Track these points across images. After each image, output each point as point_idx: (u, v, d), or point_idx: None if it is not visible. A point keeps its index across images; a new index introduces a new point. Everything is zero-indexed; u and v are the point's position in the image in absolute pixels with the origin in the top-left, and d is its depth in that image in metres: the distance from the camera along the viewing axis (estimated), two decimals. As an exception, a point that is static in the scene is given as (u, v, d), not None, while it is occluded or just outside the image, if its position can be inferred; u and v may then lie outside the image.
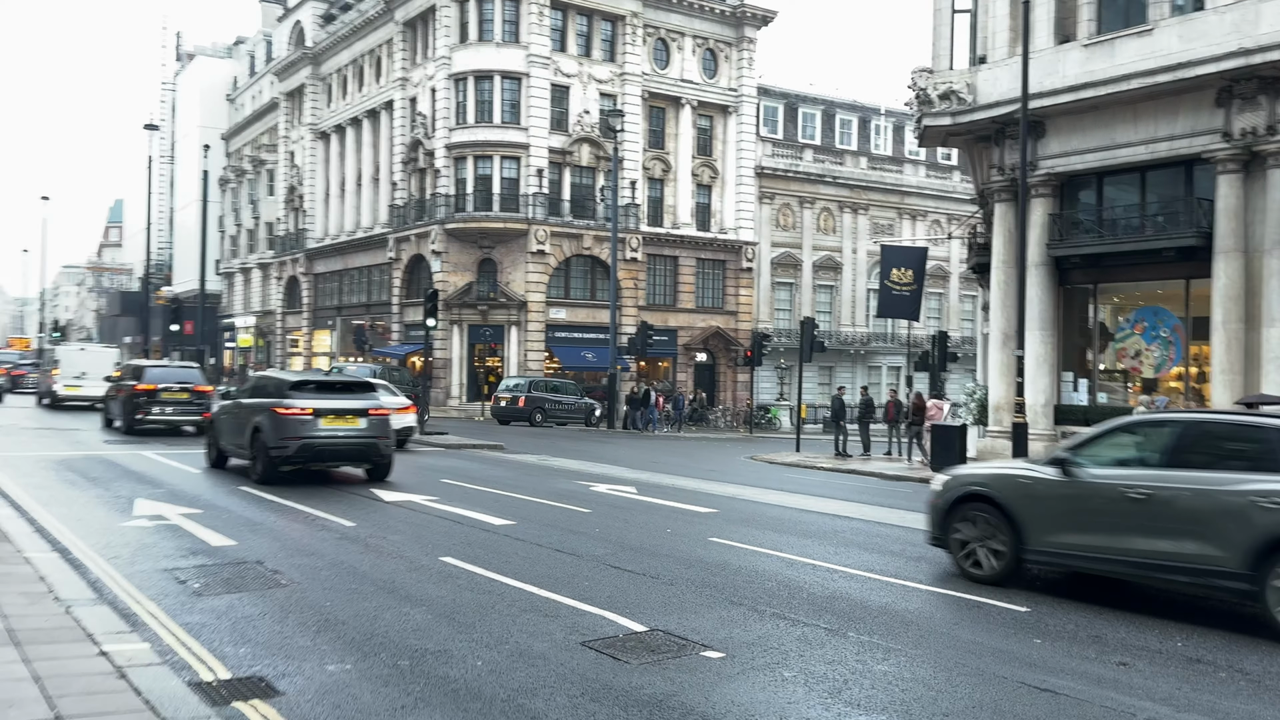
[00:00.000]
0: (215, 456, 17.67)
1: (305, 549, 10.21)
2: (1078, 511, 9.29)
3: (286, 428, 15.31)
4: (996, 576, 9.76)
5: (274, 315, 66.55)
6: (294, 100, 64.87)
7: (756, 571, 9.99)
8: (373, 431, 16.06)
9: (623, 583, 8.80)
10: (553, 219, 47.41)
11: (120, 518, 11.76)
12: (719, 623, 7.76)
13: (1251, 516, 8.08)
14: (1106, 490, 9.10)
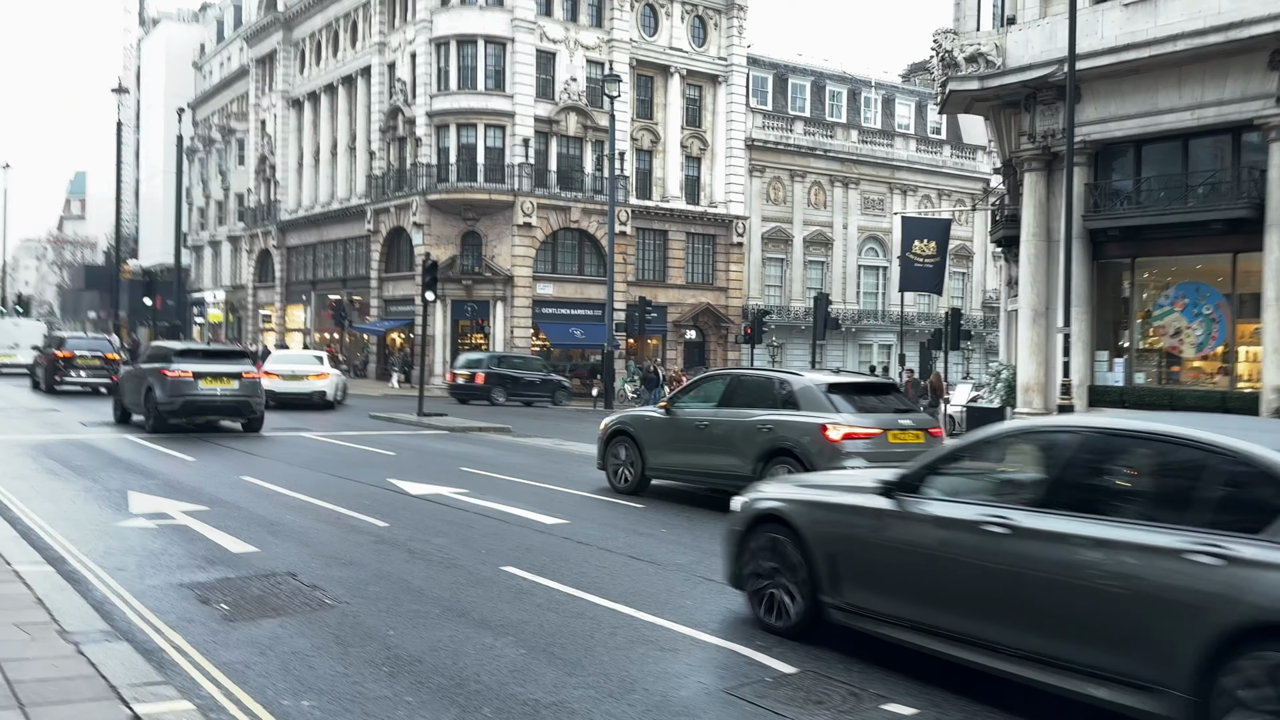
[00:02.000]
0: (120, 414, 20.80)
1: (341, 557, 8.74)
2: (673, 439, 12.78)
3: (172, 387, 18.48)
4: (631, 488, 13.29)
5: (245, 290, 64.40)
6: (265, 67, 62.54)
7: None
8: (245, 392, 19.42)
9: (735, 603, 7.40)
10: (539, 191, 45.75)
11: (116, 515, 10.24)
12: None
13: (756, 437, 11.40)
14: (687, 422, 12.63)
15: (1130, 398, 22.83)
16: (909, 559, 6.06)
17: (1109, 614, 5.07)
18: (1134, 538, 5.08)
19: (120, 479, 12.73)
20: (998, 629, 5.55)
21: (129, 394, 20.27)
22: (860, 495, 6.54)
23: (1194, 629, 4.71)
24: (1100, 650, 5.11)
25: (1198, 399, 22.02)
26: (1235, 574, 4.65)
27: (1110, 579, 5.07)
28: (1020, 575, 5.43)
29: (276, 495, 11.94)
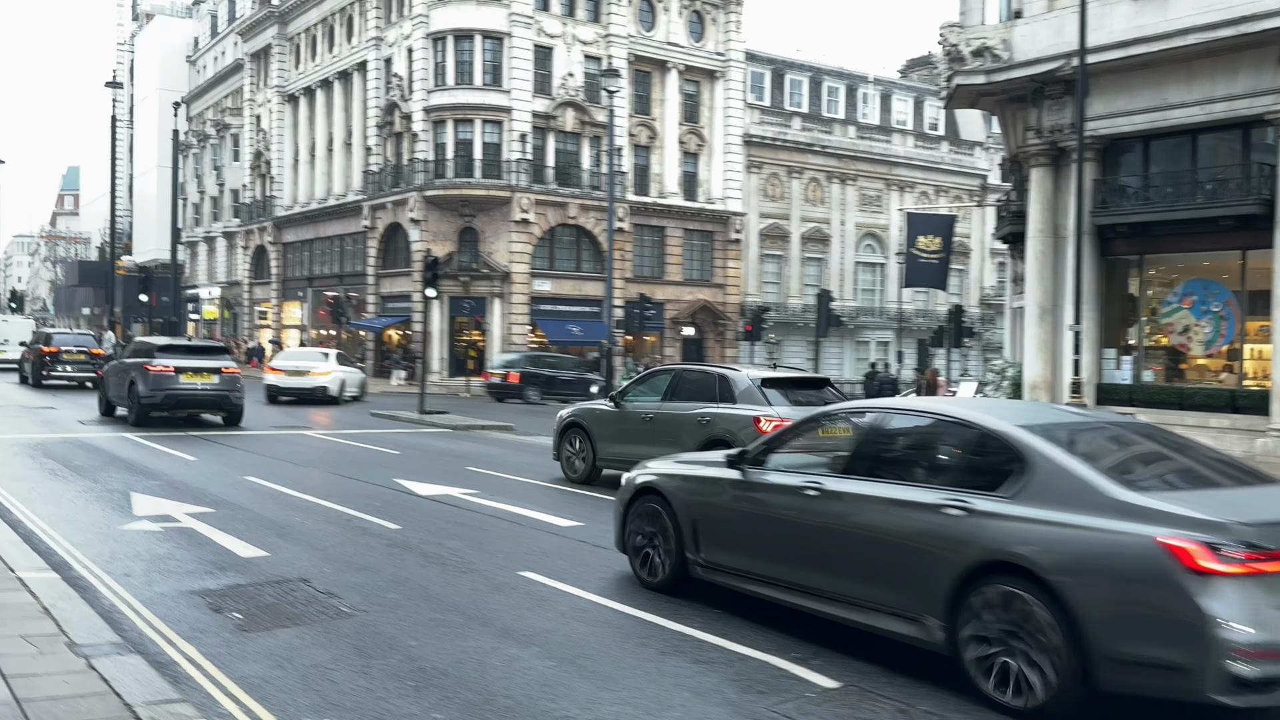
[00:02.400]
0: (105, 406, 21.56)
1: (354, 561, 8.49)
2: (621, 431, 13.45)
3: (154, 381, 19.18)
4: (582, 477, 13.91)
5: (240, 286, 64.01)
6: (259, 62, 62.14)
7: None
8: (224, 386, 20.04)
9: (768, 607, 7.14)
10: (536, 186, 45.46)
11: (119, 518, 9.97)
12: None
13: (696, 429, 11.99)
14: (634, 415, 13.41)
15: (1139, 396, 22.64)
16: (750, 521, 7.22)
17: (888, 559, 6.18)
18: (904, 495, 6.22)
19: (122, 479, 12.45)
20: (814, 576, 6.65)
21: (113, 388, 21.10)
22: (716, 469, 7.65)
23: (945, 567, 5.81)
24: (884, 588, 6.19)
25: (1206, 397, 21.84)
26: (974, 523, 5.77)
27: (888, 530, 6.19)
28: (827, 530, 6.55)
29: (282, 496, 11.68)
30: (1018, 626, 5.49)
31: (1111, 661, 5.22)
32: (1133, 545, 5.21)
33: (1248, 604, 4.99)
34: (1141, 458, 6.32)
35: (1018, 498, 5.70)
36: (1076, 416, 7.00)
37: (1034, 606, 5.41)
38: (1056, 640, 5.31)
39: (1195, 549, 5.01)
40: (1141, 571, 5.19)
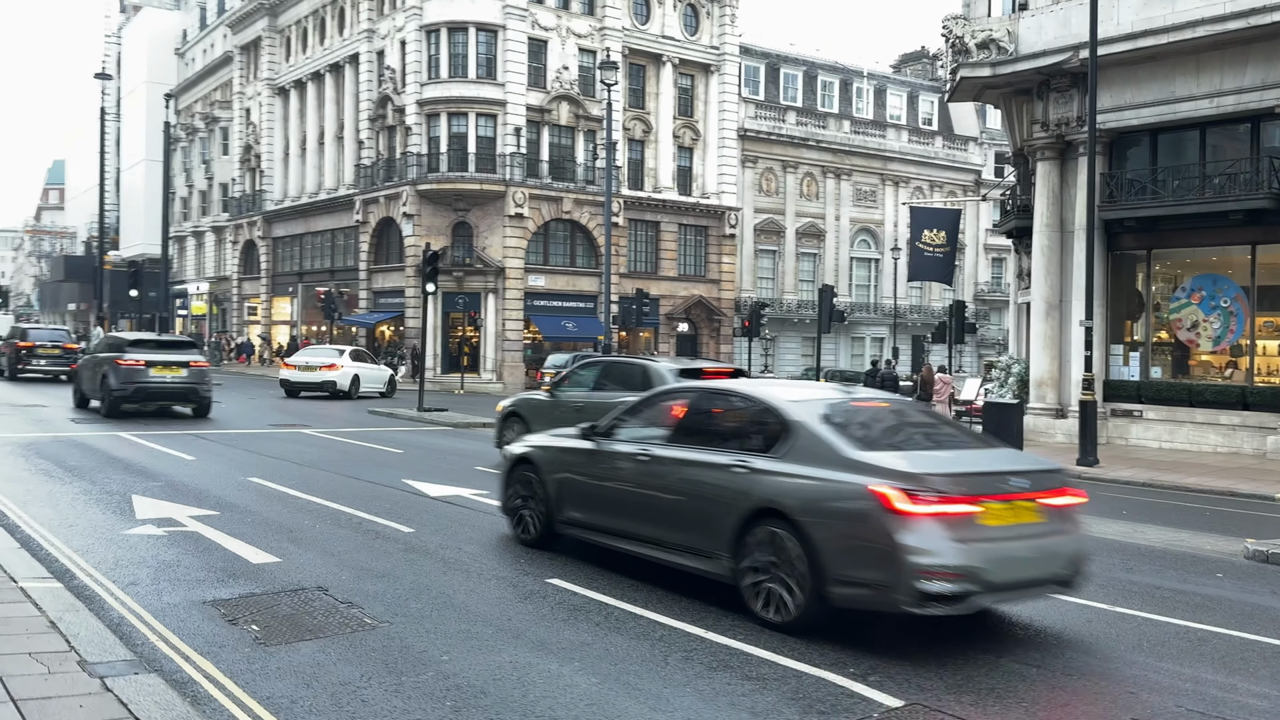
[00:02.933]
0: (79, 399, 22.38)
1: (371, 568, 8.12)
2: (555, 419, 13.46)
3: (125, 375, 19.97)
4: None
5: (229, 281, 63.40)
6: (249, 54, 61.51)
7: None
8: (193, 379, 20.87)
9: (827, 621, 6.79)
10: (531, 181, 45.03)
11: (121, 522, 9.58)
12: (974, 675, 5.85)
13: None
14: (567, 404, 14.04)
15: (1147, 393, 22.41)
16: (598, 483, 8.53)
17: (694, 509, 7.51)
18: (707, 458, 7.59)
19: (120, 480, 12.05)
20: (644, 526, 7.95)
21: (86, 381, 21.85)
22: (575, 441, 8.93)
23: (732, 514, 7.13)
24: (692, 534, 7.49)
25: (1216, 394, 21.63)
26: (752, 479, 7.13)
27: (694, 486, 7.56)
28: (652, 488, 7.93)
29: (289, 498, 11.29)
30: (778, 558, 6.82)
31: (838, 583, 6.54)
32: (853, 492, 6.54)
33: (934, 537, 6.25)
34: (883, 427, 7.50)
35: (784, 458, 7.06)
36: (839, 394, 8.24)
37: (787, 542, 6.75)
38: (802, 568, 6.65)
39: (894, 494, 6.32)
40: (858, 512, 6.49)
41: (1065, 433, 23.02)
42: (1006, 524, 6.58)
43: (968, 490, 6.48)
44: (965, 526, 6.37)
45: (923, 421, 7.83)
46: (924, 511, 6.26)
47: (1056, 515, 6.90)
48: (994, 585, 6.49)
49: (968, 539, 6.34)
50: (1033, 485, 6.78)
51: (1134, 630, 7.32)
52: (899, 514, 6.27)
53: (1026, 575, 6.76)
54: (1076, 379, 23.29)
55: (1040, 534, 6.78)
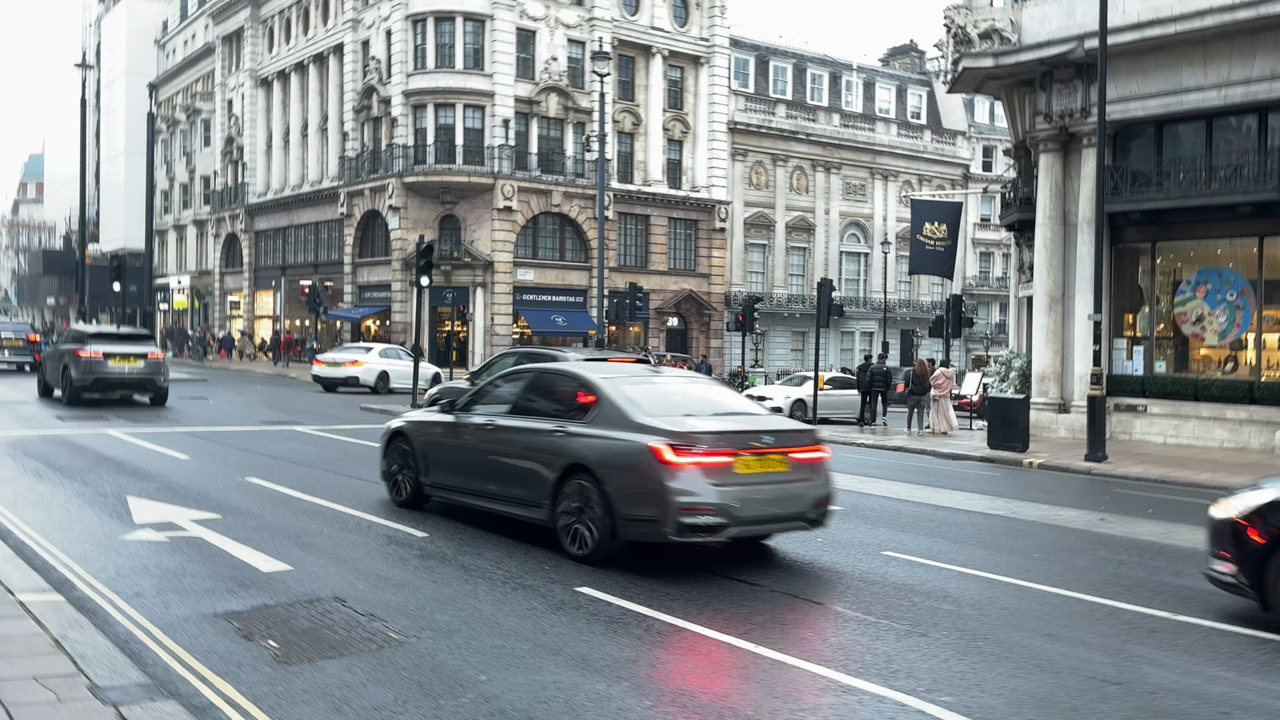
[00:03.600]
0: (43, 388, 23.63)
1: (388, 576, 7.68)
2: None
3: (86, 365, 21.15)
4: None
5: (211, 275, 62.58)
6: (231, 45, 60.67)
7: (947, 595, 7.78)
8: (149, 370, 22.07)
9: (849, 633, 6.42)
10: (520, 173, 44.50)
11: (118, 526, 9.09)
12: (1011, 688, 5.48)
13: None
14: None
15: (1152, 387, 22.15)
16: (455, 450, 9.90)
17: (526, 469, 8.93)
18: (536, 425, 9.09)
19: (114, 481, 11.55)
20: (490, 485, 9.40)
21: (50, 371, 23.07)
22: (440, 415, 10.34)
23: (553, 470, 8.59)
24: (524, 489, 8.95)
25: (1223, 389, 21.36)
26: (567, 440, 8.63)
27: (526, 449, 9.02)
28: (495, 452, 9.36)
29: (292, 500, 10.82)
30: (584, 504, 8.33)
31: (625, 520, 8.08)
32: (636, 448, 8.07)
33: (695, 481, 7.86)
34: (674, 399, 8.96)
35: (591, 424, 8.60)
36: (645, 372, 10.10)
37: (591, 491, 8.27)
38: (600, 511, 8.19)
39: (665, 448, 7.91)
40: (639, 464, 8.03)
41: (1068, 428, 22.76)
42: (756, 472, 8.25)
43: (725, 445, 8.11)
44: (722, 473, 8.02)
45: (708, 395, 9.48)
46: (687, 462, 7.90)
47: (804, 467, 8.59)
48: (743, 520, 8.16)
49: (723, 483, 7.99)
50: (780, 442, 8.45)
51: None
52: (667, 464, 7.89)
53: (773, 513, 8.48)
54: (1079, 373, 23.03)
55: (787, 481, 8.46)
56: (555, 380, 9.66)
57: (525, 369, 10.39)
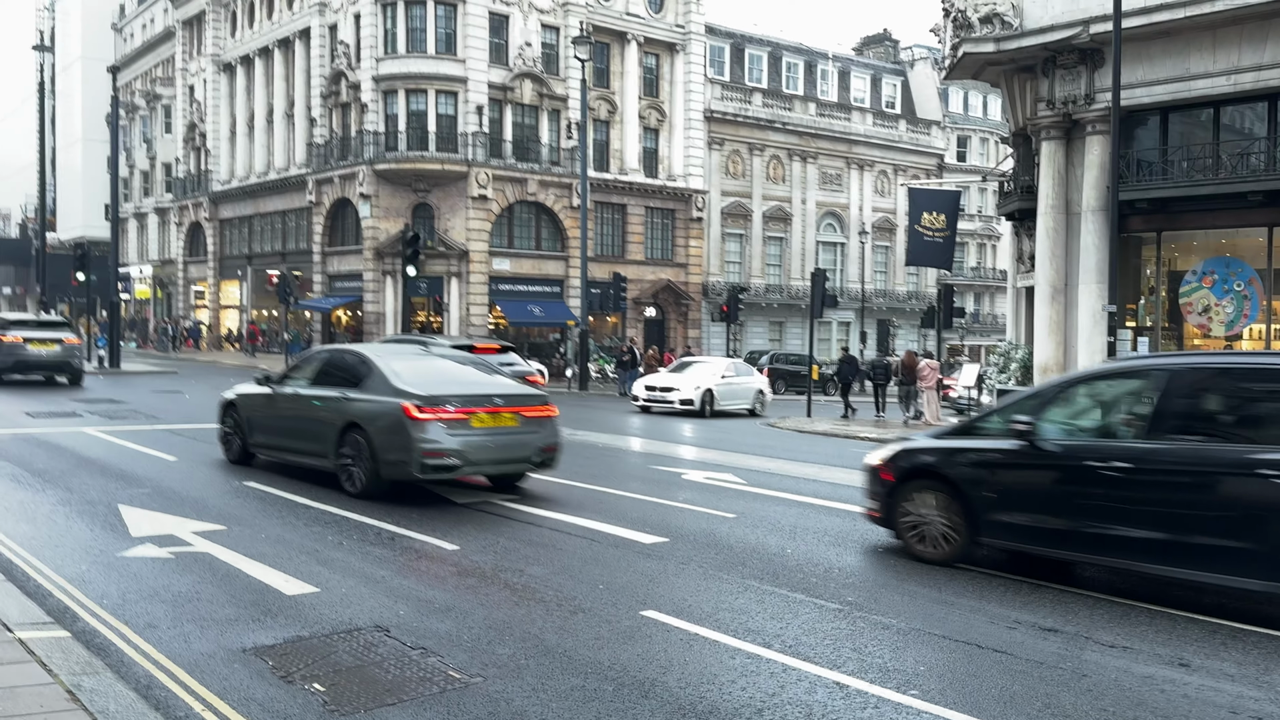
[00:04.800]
0: None
1: (429, 598, 6.88)
2: None
3: (7, 350, 23.86)
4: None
5: (174, 264, 60.96)
6: (192, 29, 59.03)
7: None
8: (65, 354, 24.81)
9: (946, 656, 5.73)
10: (494, 161, 43.51)
11: (115, 540, 8.22)
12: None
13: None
14: None
15: (1156, 379, 21.68)
16: (271, 416, 12.18)
17: (318, 428, 11.15)
18: (325, 393, 11.32)
19: (100, 487, 10.63)
20: (295, 443, 11.74)
21: None
22: (261, 387, 12.49)
23: (335, 427, 10.85)
24: (317, 444, 11.18)
25: (1229, 380, 20.96)
26: (347, 404, 10.86)
27: (318, 412, 11.25)
28: (299, 415, 11.64)
29: (299, 508, 9.96)
30: (357, 453, 10.54)
31: (385, 463, 10.26)
32: (393, 408, 10.31)
33: (436, 432, 10.14)
34: (431, 373, 11.16)
35: (365, 391, 10.78)
36: (414, 350, 12.86)
37: (362, 441, 10.46)
38: (369, 455, 10.39)
39: (411, 407, 10.17)
40: (394, 420, 10.25)
41: (1071, 421, 22.27)
42: (490, 426, 10.61)
43: (463, 405, 10.43)
44: (459, 426, 10.35)
45: (463, 371, 11.71)
46: (430, 417, 10.19)
47: (532, 422, 11.00)
48: (476, 462, 10.59)
49: (459, 434, 10.33)
50: (510, 403, 10.82)
51: None
52: (414, 419, 10.17)
53: (503, 457, 10.90)
54: (1083, 364, 22.56)
55: (516, 433, 10.84)
56: (344, 358, 11.80)
57: (324, 349, 13.19)
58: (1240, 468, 7.05)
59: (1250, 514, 6.98)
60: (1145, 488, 7.39)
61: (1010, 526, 8.08)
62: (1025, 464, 8.09)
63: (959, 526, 8.31)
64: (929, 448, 8.94)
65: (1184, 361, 8.28)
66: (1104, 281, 22.44)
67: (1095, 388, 8.62)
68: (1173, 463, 7.32)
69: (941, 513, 8.41)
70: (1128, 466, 7.41)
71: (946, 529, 8.37)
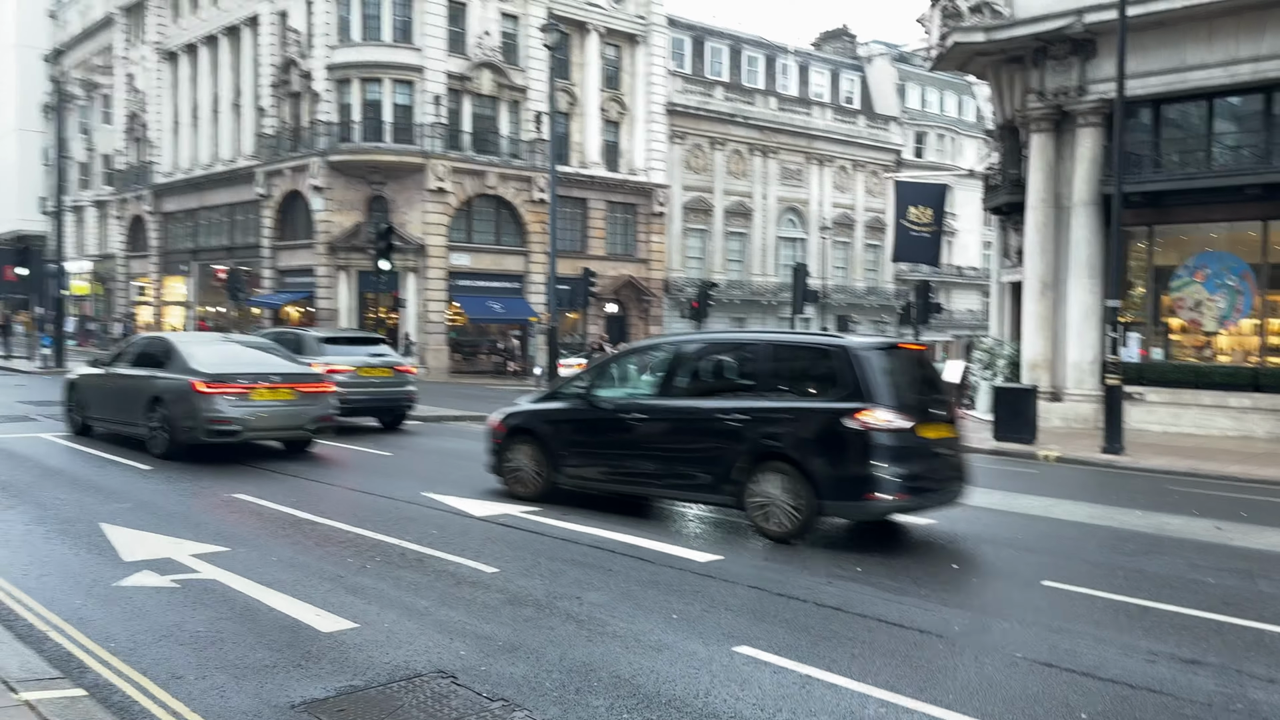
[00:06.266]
0: None
1: (486, 634, 5.99)
2: None
3: None
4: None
5: (115, 260, 58.82)
6: (133, 16, 56.92)
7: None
8: None
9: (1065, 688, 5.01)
10: (453, 153, 42.32)
11: (106, 567, 7.22)
12: None
13: None
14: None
15: (1150, 375, 21.39)
16: (100, 392, 14.31)
17: (132, 400, 13.46)
18: (139, 372, 13.51)
19: (75, 502, 9.57)
20: (115, 414, 13.98)
21: None
22: (96, 369, 14.82)
23: (143, 399, 13.07)
24: (132, 415, 13.31)
25: (1225, 376, 20.70)
26: (152, 382, 13.08)
27: (134, 387, 13.42)
28: (121, 390, 13.71)
29: (302, 523, 8.99)
30: (161, 422, 12.76)
31: (179, 429, 12.62)
32: (184, 384, 12.48)
33: (220, 403, 12.46)
34: (225, 356, 13.44)
35: (167, 370, 12.94)
36: (215, 338, 15.66)
37: (164, 411, 12.79)
38: (167, 425, 12.69)
39: (199, 382, 12.40)
40: (184, 392, 12.49)
41: (1061, 416, 21.87)
42: (267, 399, 12.84)
43: (246, 381, 12.70)
44: (241, 398, 12.55)
45: (254, 355, 14.00)
46: (214, 391, 12.35)
47: (308, 396, 13.27)
48: (256, 428, 12.78)
49: (241, 405, 12.54)
50: (287, 380, 13.13)
51: None
52: (200, 392, 12.31)
53: (280, 424, 13.13)
54: (1073, 360, 22.21)
55: (292, 405, 13.09)
56: (156, 344, 13.95)
57: (145, 336, 15.23)
58: (711, 414, 9.28)
59: (714, 449, 9.18)
60: (656, 432, 9.67)
61: (580, 468, 10.26)
62: (585, 419, 10.31)
63: (544, 470, 10.43)
64: (524, 410, 10.98)
65: (686, 337, 11.37)
66: (1095, 276, 22.11)
67: (633, 360, 11.15)
68: (671, 413, 9.67)
69: (532, 460, 10.54)
70: (644, 417, 9.75)
71: (535, 473, 10.48)
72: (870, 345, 9.04)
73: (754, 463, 8.82)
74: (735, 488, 8.92)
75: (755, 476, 8.80)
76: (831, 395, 8.75)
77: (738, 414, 8.98)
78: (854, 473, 8.42)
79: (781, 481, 8.67)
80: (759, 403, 9.01)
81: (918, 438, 8.72)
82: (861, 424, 8.38)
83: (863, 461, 8.37)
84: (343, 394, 15.19)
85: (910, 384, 9.17)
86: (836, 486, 8.51)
